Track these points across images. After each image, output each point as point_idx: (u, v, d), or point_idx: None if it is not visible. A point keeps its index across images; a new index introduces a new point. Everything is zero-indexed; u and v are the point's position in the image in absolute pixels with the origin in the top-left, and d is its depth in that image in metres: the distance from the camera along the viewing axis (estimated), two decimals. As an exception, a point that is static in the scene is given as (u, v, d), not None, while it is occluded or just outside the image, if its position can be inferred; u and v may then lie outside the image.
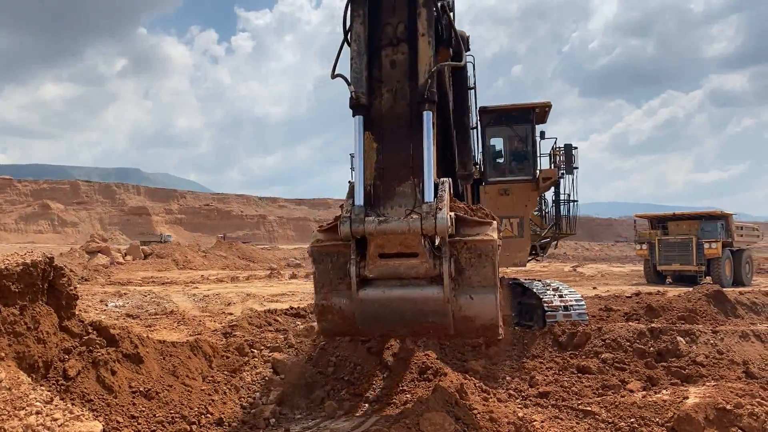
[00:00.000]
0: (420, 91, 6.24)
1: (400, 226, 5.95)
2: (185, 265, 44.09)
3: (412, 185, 6.22)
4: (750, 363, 9.60)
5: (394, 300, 6.28)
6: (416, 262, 6.14)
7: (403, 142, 6.31)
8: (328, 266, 6.38)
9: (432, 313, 6.32)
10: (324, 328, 6.60)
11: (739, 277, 27.62)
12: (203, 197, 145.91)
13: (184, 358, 7.91)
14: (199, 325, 14.99)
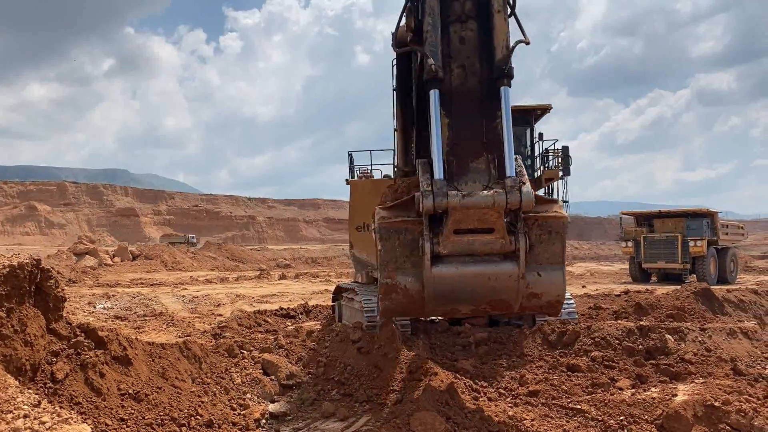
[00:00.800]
0: (498, 66, 6.30)
1: (485, 200, 5.97)
2: (174, 267, 43.89)
3: (487, 161, 6.23)
4: (738, 360, 9.67)
5: (468, 277, 6.27)
6: (491, 238, 6.16)
7: (475, 118, 6.31)
8: (395, 243, 6.30)
9: (503, 289, 6.37)
10: (387, 308, 6.49)
11: (723, 275, 27.75)
12: (192, 198, 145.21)
13: (173, 359, 7.86)
14: (189, 326, 14.93)
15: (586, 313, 14.23)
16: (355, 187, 12.16)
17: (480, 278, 6.30)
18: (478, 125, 6.31)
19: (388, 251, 6.29)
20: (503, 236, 6.12)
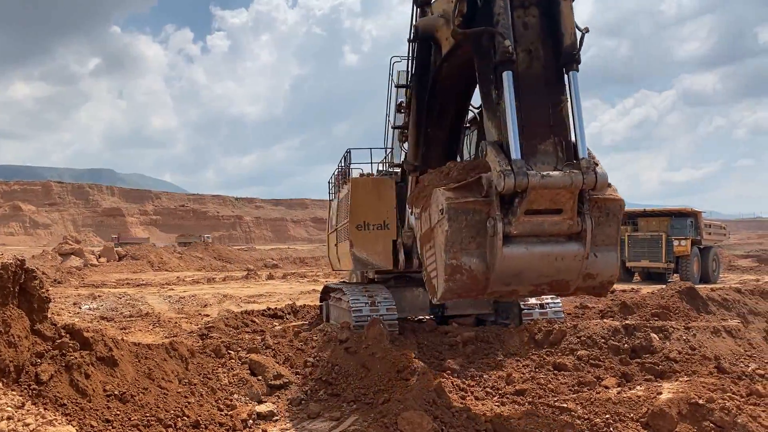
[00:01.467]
0: (567, 52, 6.55)
1: (563, 180, 6.12)
2: (160, 267, 43.64)
3: (554, 144, 6.39)
4: (721, 358, 9.77)
5: (537, 257, 6.42)
6: (559, 219, 6.33)
7: (541, 102, 6.48)
8: (462, 224, 6.38)
9: (567, 270, 6.56)
10: (449, 289, 6.54)
11: (706, 274, 27.83)
12: (179, 198, 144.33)
13: (159, 360, 7.82)
14: (175, 326, 14.86)
15: (573, 312, 14.33)
16: (356, 185, 12.06)
17: (548, 258, 6.47)
18: (545, 109, 6.50)
19: (455, 232, 6.37)
20: (572, 217, 6.32)
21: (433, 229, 6.79)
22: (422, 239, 7.20)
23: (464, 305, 12.86)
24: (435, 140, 10.27)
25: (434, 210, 6.69)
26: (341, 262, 13.95)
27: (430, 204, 6.87)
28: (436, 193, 6.65)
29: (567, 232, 6.41)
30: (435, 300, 7.02)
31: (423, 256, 7.31)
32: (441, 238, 6.52)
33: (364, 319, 10.84)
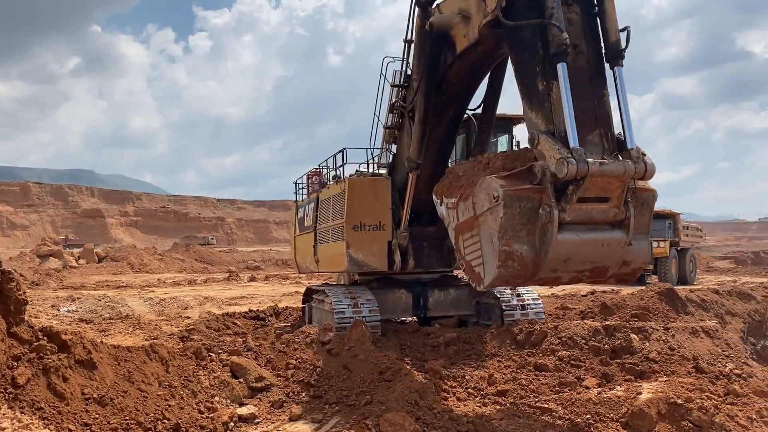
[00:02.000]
0: (613, 47, 7.03)
1: (618, 168, 6.47)
2: (141, 269, 43.22)
3: (600, 135, 6.74)
4: (700, 358, 9.89)
5: (586, 243, 6.70)
6: (606, 207, 6.65)
7: (586, 95, 6.79)
8: (516, 211, 6.56)
9: (609, 256, 6.89)
10: (500, 275, 6.73)
11: (684, 275, 28.00)
12: (159, 199, 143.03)
13: (139, 363, 7.74)
14: (156, 329, 14.73)
15: (554, 313, 14.41)
16: (353, 185, 11.89)
17: (595, 245, 6.76)
18: (590, 101, 6.85)
19: (509, 219, 6.54)
20: (618, 205, 6.66)
21: (478, 216, 6.96)
22: (459, 228, 7.39)
23: (446, 306, 12.88)
24: (432, 139, 10.58)
25: (483, 197, 6.83)
26: (325, 263, 13.63)
27: (473, 192, 7.04)
28: (486, 180, 6.81)
29: (612, 219, 6.72)
30: (481, 287, 7.24)
31: (460, 245, 7.46)
32: (494, 225, 6.67)
33: (346, 321, 10.81)
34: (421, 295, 12.67)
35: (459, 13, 8.94)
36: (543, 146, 6.73)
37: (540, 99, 7.13)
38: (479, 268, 7.15)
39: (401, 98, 11.33)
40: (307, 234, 14.62)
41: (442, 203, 8.00)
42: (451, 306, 12.94)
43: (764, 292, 19.72)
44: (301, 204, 15.79)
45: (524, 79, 7.45)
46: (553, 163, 6.51)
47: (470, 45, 8.87)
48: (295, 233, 16.24)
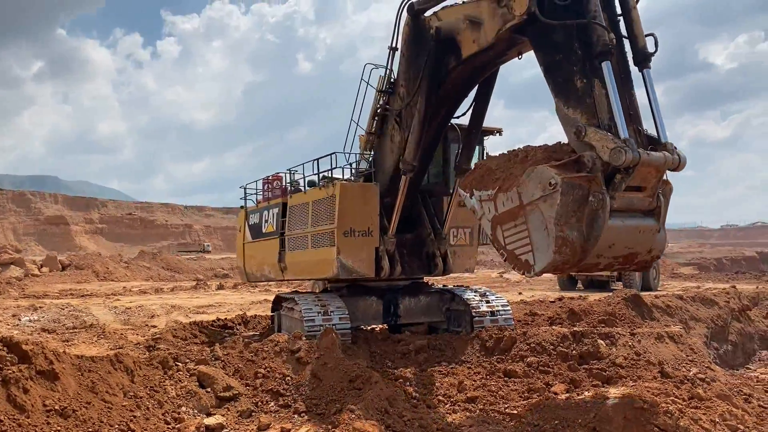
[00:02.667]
0: (641, 51, 7.80)
1: (660, 159, 7.12)
2: (106, 277, 42.42)
3: (633, 130, 7.32)
4: (665, 363, 10.06)
5: (628, 230, 7.23)
6: (642, 196, 7.25)
7: (619, 93, 7.35)
8: (570, 198, 6.94)
9: (644, 242, 7.45)
10: (555, 261, 7.10)
11: (647, 282, 28.09)
12: (126, 206, 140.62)
13: (103, 373, 7.58)
14: (121, 338, 14.45)
15: (523, 319, 14.53)
16: (344, 190, 11.73)
17: (635, 232, 7.29)
18: (623, 99, 7.37)
19: (564, 205, 6.94)
20: (652, 195, 7.29)
21: (525, 205, 7.39)
22: (499, 219, 7.83)
23: (417, 313, 12.90)
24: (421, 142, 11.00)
25: (533, 186, 7.26)
26: (298, 270, 13.27)
27: (519, 183, 7.49)
28: (538, 170, 7.24)
29: (647, 208, 7.35)
30: (531, 274, 7.57)
31: (498, 236, 7.91)
32: (549, 212, 7.05)
33: (316, 329, 10.74)
34: (391, 302, 12.66)
35: (465, 19, 9.48)
36: (593, 137, 7.23)
37: (580, 95, 7.70)
38: (527, 256, 7.55)
39: (384, 104, 11.55)
40: (267, 241, 14.18)
41: (473, 196, 8.35)
42: (421, 313, 12.96)
43: (726, 298, 20.19)
44: (253, 210, 15.26)
45: (558, 78, 8.01)
46: (606, 153, 7.02)
47: (480, 50, 9.42)
48: (244, 240, 15.58)
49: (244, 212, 15.71)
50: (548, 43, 8.25)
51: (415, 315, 12.89)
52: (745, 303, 20.71)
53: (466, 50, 9.68)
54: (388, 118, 11.70)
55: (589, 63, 7.60)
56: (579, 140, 7.44)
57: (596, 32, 7.63)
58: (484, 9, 9.26)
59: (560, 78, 8.01)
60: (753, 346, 19.37)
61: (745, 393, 10.26)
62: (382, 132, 11.85)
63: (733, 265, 63.11)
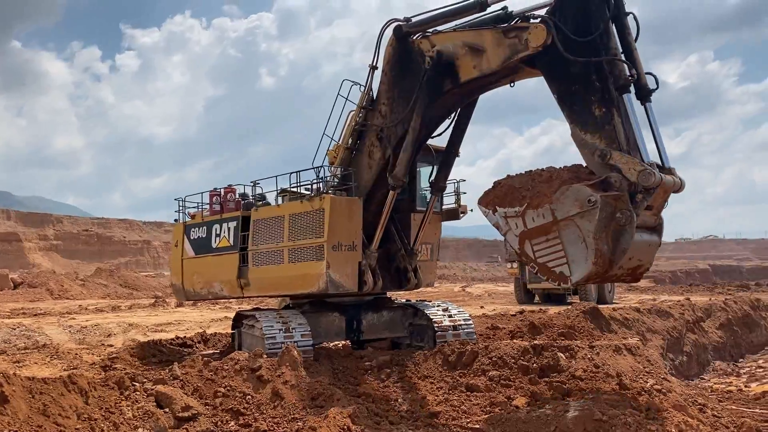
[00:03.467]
0: (644, 87, 9.07)
1: (673, 181, 8.42)
2: (61, 295, 41.22)
3: (639, 155, 8.38)
4: (623, 375, 10.23)
5: (644, 244, 8.41)
6: (650, 214, 8.44)
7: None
8: (604, 215, 7.92)
9: (648, 255, 8.66)
10: (591, 272, 8.17)
11: (602, 295, 28.00)
12: (82, 222, 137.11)
13: (56, 395, 7.34)
14: (76, 358, 14.03)
15: (484, 333, 14.63)
16: (335, 204, 11.51)
17: (645, 246, 8.43)
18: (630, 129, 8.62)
19: (602, 221, 7.92)
20: (658, 213, 8.49)
21: (559, 221, 8.37)
22: (528, 234, 8.76)
23: (380, 329, 12.87)
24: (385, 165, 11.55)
25: (569, 203, 8.29)
26: (269, 286, 12.79)
27: (551, 200, 8.44)
28: (574, 188, 8.30)
29: (653, 225, 8.56)
30: (568, 284, 8.68)
31: (527, 250, 8.87)
32: (588, 227, 8.08)
33: (278, 347, 10.59)
34: (354, 318, 12.61)
35: (464, 46, 10.29)
36: (619, 160, 8.29)
37: (598, 123, 8.74)
38: (561, 268, 8.52)
39: (362, 120, 11.84)
40: (220, 256, 13.43)
41: (496, 212, 9.25)
42: (384, 328, 12.94)
43: (681, 310, 20.71)
44: (196, 224, 14.30)
45: (574, 106, 9.03)
46: (634, 174, 8.12)
47: (480, 75, 10.26)
48: (183, 256, 14.52)
49: (182, 226, 14.75)
50: (564, 75, 9.19)
51: (378, 330, 12.86)
52: (699, 315, 21.29)
53: (465, 75, 10.38)
54: (365, 134, 11.98)
55: (608, 94, 8.67)
56: (604, 162, 8.43)
57: (618, 67, 8.83)
58: (487, 38, 10.08)
59: (577, 106, 9.00)
60: (707, 356, 19.90)
61: (700, 403, 10.51)
62: (358, 148, 12.05)
63: (687, 278, 64.85)
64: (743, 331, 23.18)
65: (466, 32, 10.45)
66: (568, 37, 8.90)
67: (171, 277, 15.31)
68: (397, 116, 11.40)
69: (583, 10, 9.11)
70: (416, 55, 11.03)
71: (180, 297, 15.71)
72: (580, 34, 8.95)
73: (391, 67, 11.43)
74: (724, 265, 79.26)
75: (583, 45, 8.86)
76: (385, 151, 11.58)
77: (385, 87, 11.59)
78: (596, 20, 8.97)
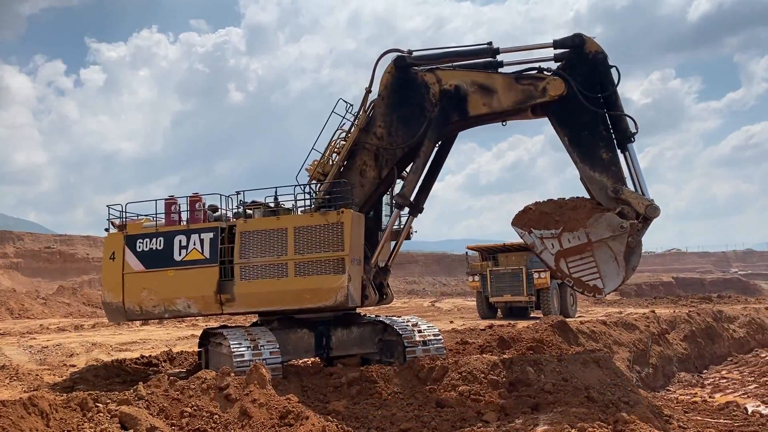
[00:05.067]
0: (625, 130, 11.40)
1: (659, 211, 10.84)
2: (21, 314, 40.07)
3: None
4: (591, 388, 10.33)
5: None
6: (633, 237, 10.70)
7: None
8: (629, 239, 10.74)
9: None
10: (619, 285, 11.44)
11: (565, 308, 27.74)
12: (44, 239, 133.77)
13: (15, 418, 7.11)
14: (36, 379, 13.64)
15: (454, 348, 14.65)
16: (353, 219, 11.70)
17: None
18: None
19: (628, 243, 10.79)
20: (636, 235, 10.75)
21: (593, 242, 10.86)
22: (564, 253, 11.05)
23: (349, 345, 12.80)
24: (388, 182, 12.77)
25: (601, 229, 10.86)
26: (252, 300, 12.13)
27: (585, 225, 10.93)
28: (607, 216, 10.87)
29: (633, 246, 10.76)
30: (601, 295, 11.22)
31: (563, 266, 11.14)
32: (619, 248, 10.79)
33: (246, 364, 10.43)
34: (323, 334, 12.52)
35: (473, 84, 11.86)
36: (629, 195, 10.90)
37: (606, 164, 11.17)
38: (595, 281, 10.99)
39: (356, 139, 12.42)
40: (187, 270, 12.41)
41: (532, 233, 11.28)
42: (354, 344, 12.86)
43: (646, 322, 21.04)
44: (146, 234, 12.83)
45: (583, 149, 11.35)
46: (642, 207, 10.78)
47: (489, 113, 11.92)
48: (124, 270, 12.83)
49: (120, 237, 13.02)
50: (574, 122, 11.42)
51: (348, 347, 12.78)
52: (664, 327, 21.64)
53: (474, 110, 11.91)
54: (356, 153, 12.51)
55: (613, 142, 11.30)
56: (616, 197, 10.89)
57: (625, 122, 11.43)
58: (498, 82, 11.83)
59: (585, 149, 11.33)
60: (672, 368, 20.22)
61: (666, 415, 10.67)
62: (347, 165, 12.51)
63: (652, 291, 65.91)
64: (707, 342, 23.64)
65: (475, 73, 12.00)
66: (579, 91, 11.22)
67: (105, 294, 13.30)
68: (395, 139, 12.35)
69: (592, 72, 11.42)
70: (419, 86, 12.21)
71: (117, 318, 13.58)
72: (586, 89, 11.27)
73: (390, 93, 12.39)
74: (687, 278, 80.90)
75: (590, 99, 11.23)
76: (381, 171, 12.42)
77: (381, 111, 12.43)
78: (605, 82, 11.41)
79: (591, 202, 11.18)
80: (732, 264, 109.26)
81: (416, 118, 12.24)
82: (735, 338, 25.33)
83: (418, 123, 12.24)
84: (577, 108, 11.31)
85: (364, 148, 12.47)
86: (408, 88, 12.29)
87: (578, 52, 11.59)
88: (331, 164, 12.67)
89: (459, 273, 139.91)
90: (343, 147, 12.56)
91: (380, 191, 12.95)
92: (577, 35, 11.59)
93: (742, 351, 24.31)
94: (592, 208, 11.01)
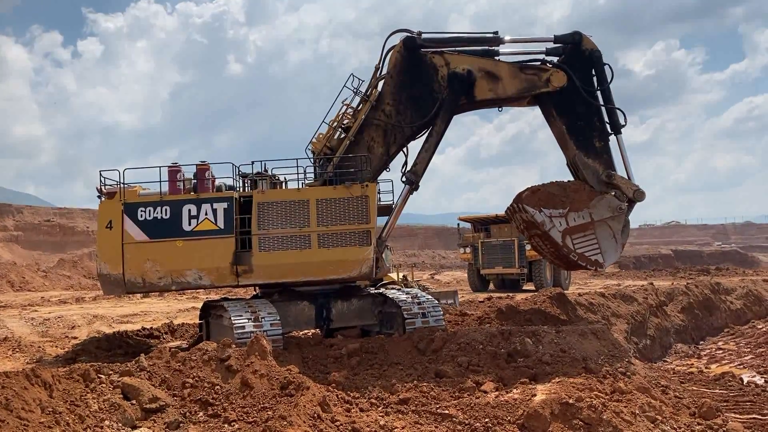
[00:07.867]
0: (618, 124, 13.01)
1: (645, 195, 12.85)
2: (22, 287, 40.28)
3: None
4: (588, 359, 10.42)
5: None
6: None
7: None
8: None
9: None
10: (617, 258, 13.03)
11: (558, 281, 26.86)
12: (44, 212, 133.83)
13: (19, 389, 7.17)
14: (39, 351, 13.77)
15: (453, 319, 14.74)
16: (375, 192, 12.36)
17: None
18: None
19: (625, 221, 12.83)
20: None
21: (595, 221, 12.34)
22: (570, 230, 12.33)
23: (349, 317, 12.89)
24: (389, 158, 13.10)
25: (602, 209, 12.46)
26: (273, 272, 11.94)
27: (588, 206, 12.43)
28: (607, 198, 12.52)
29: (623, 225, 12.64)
30: (602, 268, 13.02)
31: (568, 243, 12.38)
32: (617, 227, 12.57)
33: (247, 336, 10.52)
34: (323, 306, 12.60)
35: (480, 70, 12.67)
36: (619, 180, 12.60)
37: (598, 152, 12.75)
38: (596, 256, 12.52)
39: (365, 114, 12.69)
40: (200, 240, 11.97)
41: (542, 212, 12.38)
42: (354, 316, 12.96)
43: (644, 294, 21.13)
44: (150, 202, 12.16)
45: (579, 137, 12.83)
46: (631, 191, 12.54)
47: (494, 98, 12.90)
48: (124, 240, 12.11)
49: (118, 205, 12.21)
50: (571, 112, 12.80)
51: (348, 319, 12.88)
52: (662, 299, 21.74)
53: (480, 94, 12.74)
54: (364, 129, 12.76)
55: (605, 133, 12.82)
56: (608, 181, 12.54)
57: (616, 115, 12.89)
58: (504, 69, 12.78)
59: (581, 137, 12.79)
60: (669, 339, 20.37)
61: (662, 385, 10.78)
62: (356, 141, 12.70)
63: (650, 263, 66.11)
64: (704, 314, 23.78)
65: (483, 60, 12.78)
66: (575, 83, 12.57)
67: (101, 266, 12.36)
68: (404, 118, 12.80)
69: (589, 68, 12.82)
70: (428, 68, 12.76)
71: (115, 290, 12.82)
72: (582, 83, 12.67)
73: (398, 73, 12.84)
74: (686, 250, 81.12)
75: (587, 92, 12.66)
76: (389, 148, 12.85)
77: (390, 89, 12.81)
78: (600, 78, 12.86)
79: (588, 185, 12.59)
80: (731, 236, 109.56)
81: (425, 99, 12.77)
82: (732, 310, 25.47)
83: (426, 103, 12.76)
84: (575, 99, 12.67)
85: (372, 124, 12.73)
86: (417, 69, 12.78)
87: (576, 48, 12.87)
88: (337, 138, 12.75)
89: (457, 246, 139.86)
90: (352, 122, 12.79)
91: (384, 167, 13.16)
92: (576, 32, 12.92)
93: (738, 322, 24.47)
94: (591, 191, 12.45)
